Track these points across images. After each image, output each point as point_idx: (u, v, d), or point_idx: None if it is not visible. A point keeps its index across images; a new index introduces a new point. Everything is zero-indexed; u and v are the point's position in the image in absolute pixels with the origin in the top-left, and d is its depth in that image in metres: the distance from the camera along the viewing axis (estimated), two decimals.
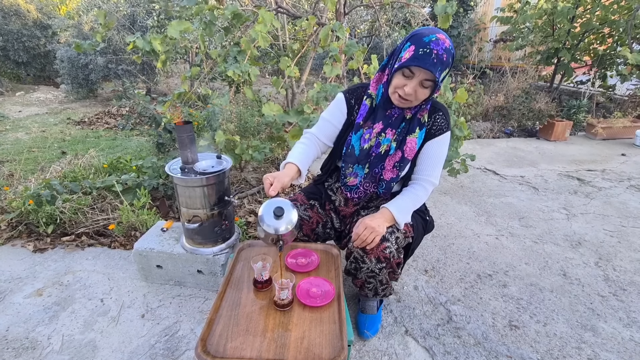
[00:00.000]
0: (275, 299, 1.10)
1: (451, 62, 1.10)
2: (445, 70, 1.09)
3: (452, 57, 1.09)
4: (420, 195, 1.26)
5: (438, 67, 1.05)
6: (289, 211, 1.06)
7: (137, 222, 1.97)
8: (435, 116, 1.24)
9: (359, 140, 1.28)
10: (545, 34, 4.81)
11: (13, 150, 3.71)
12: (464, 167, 2.46)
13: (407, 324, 1.49)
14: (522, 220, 2.35)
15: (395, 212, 1.20)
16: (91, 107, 6.31)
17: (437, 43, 1.05)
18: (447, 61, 1.07)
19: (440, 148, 1.26)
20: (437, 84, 1.09)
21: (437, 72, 1.05)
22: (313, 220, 1.40)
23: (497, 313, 1.55)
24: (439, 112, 1.25)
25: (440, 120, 1.24)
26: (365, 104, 1.28)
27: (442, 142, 1.26)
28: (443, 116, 1.24)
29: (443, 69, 1.07)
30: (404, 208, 1.22)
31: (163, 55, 2.39)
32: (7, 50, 7.25)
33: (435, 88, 1.11)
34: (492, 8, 7.11)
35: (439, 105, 1.27)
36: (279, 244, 1.07)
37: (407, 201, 1.24)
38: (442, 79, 1.09)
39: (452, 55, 1.09)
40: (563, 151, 3.87)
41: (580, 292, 1.69)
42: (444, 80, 1.15)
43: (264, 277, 1.16)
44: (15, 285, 1.65)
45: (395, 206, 1.22)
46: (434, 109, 1.25)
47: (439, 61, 1.04)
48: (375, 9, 3.46)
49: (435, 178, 1.27)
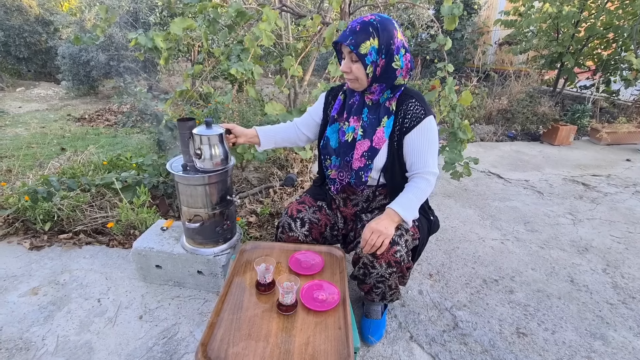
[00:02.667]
0: (279, 302, 1.06)
1: (373, 31, 1.09)
2: (369, 40, 1.09)
3: (373, 27, 1.09)
4: (422, 187, 1.21)
5: (350, 37, 1.10)
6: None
7: (136, 220, 1.93)
8: (408, 103, 1.21)
9: (337, 133, 1.33)
10: (549, 38, 4.79)
11: (12, 146, 3.67)
12: (467, 170, 2.42)
13: (412, 329, 1.45)
14: (528, 225, 2.32)
15: (399, 210, 1.15)
16: (92, 104, 6.28)
17: (355, 19, 1.13)
18: (363, 30, 1.09)
19: (424, 136, 1.20)
20: (366, 56, 1.10)
21: (348, 40, 1.10)
22: (322, 224, 1.38)
23: (504, 320, 1.52)
24: (411, 100, 1.21)
25: (413, 108, 1.20)
26: (340, 98, 1.34)
27: (423, 129, 1.20)
28: (416, 102, 1.20)
29: (358, 38, 1.09)
30: (408, 204, 1.18)
31: (165, 52, 2.36)
32: (9, 45, 7.22)
33: (367, 61, 1.10)
34: (495, 12, 7.09)
35: (411, 92, 1.23)
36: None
37: (410, 196, 1.19)
38: (370, 51, 1.10)
39: (372, 24, 1.09)
40: (567, 156, 3.84)
41: (588, 299, 1.66)
42: (390, 56, 1.13)
43: (266, 279, 1.12)
44: (10, 284, 1.61)
45: (399, 204, 1.18)
46: (406, 96, 1.22)
47: (350, 32, 1.11)
48: (380, 9, 3.43)
49: (432, 167, 1.21)
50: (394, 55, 1.12)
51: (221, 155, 1.37)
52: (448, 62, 2.38)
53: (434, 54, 6.63)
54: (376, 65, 1.13)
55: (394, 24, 1.13)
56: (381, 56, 1.12)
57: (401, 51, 1.14)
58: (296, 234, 1.35)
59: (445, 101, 2.40)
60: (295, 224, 1.35)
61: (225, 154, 1.39)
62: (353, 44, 1.09)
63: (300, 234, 1.35)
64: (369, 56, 1.10)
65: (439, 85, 2.50)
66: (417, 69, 6.49)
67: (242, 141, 1.40)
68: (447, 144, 2.40)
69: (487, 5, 7.39)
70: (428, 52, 6.68)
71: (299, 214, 1.37)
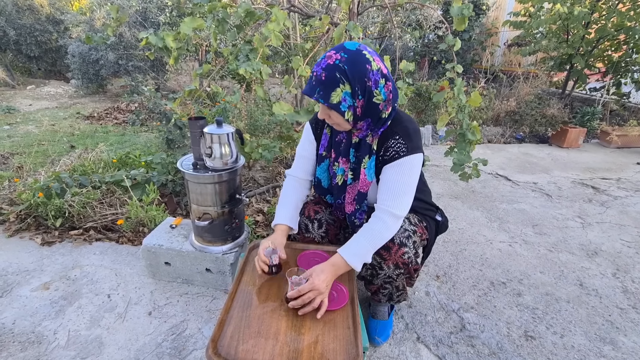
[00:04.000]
0: (287, 296, 1.07)
1: (341, 76, 0.97)
2: (339, 87, 0.97)
3: (340, 70, 0.96)
4: (377, 230, 1.08)
5: (317, 89, 0.99)
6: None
7: (145, 217, 1.95)
8: (390, 141, 1.09)
9: (327, 172, 1.27)
10: (558, 39, 4.74)
11: (23, 143, 3.73)
12: (476, 171, 2.41)
13: (418, 330, 1.45)
14: (536, 228, 2.30)
15: (347, 258, 1.06)
16: (100, 102, 6.35)
17: (319, 63, 1.00)
18: (330, 78, 0.97)
19: (399, 174, 1.08)
20: (340, 104, 0.99)
21: (317, 94, 0.99)
22: (337, 225, 1.38)
23: (512, 322, 1.51)
24: (394, 137, 1.08)
25: (395, 145, 1.08)
26: (325, 132, 1.25)
27: (399, 165, 1.08)
28: (400, 140, 1.08)
29: (326, 89, 0.98)
30: (358, 251, 1.08)
31: (175, 52, 2.38)
32: (20, 44, 7.33)
33: (342, 108, 1.00)
34: (504, 12, 7.04)
35: (398, 127, 1.10)
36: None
37: (363, 241, 1.08)
38: (344, 97, 0.99)
39: (339, 69, 0.96)
40: (576, 158, 3.80)
41: (597, 303, 1.64)
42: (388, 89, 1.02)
43: (273, 261, 1.14)
44: (23, 278, 1.64)
45: (348, 251, 1.08)
46: (390, 132, 1.10)
47: (317, 82, 0.99)
48: (388, 10, 3.43)
49: (396, 209, 1.08)
50: (374, 91, 1.00)
51: (231, 154, 1.39)
52: (457, 62, 2.38)
53: (441, 54, 6.60)
54: (355, 107, 1.02)
55: (365, 56, 0.98)
56: (357, 98, 1.00)
57: (380, 83, 1.00)
58: (313, 234, 1.34)
59: (454, 102, 2.39)
60: (313, 225, 1.34)
61: (234, 153, 1.40)
62: (322, 96, 0.99)
63: (317, 235, 1.34)
64: (344, 102, 1.00)
65: (447, 86, 2.49)
66: (424, 70, 6.47)
67: (284, 243, 1.22)
68: (455, 145, 2.40)
69: (495, 6, 7.34)
70: (435, 53, 6.65)
71: (317, 215, 1.34)
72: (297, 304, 1.02)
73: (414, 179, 1.11)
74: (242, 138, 1.43)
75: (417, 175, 1.11)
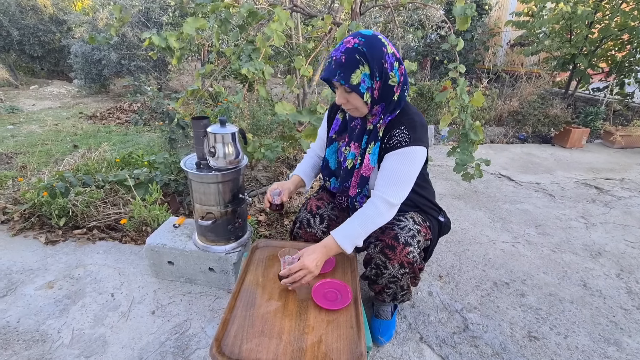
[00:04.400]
0: (280, 275, 1.10)
1: (361, 58, 1.02)
2: (359, 68, 1.02)
3: (359, 53, 1.01)
4: (369, 215, 1.10)
5: (337, 71, 1.03)
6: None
7: (148, 217, 1.96)
8: (395, 130, 1.11)
9: (335, 154, 1.32)
10: (561, 39, 4.73)
11: (26, 142, 3.75)
12: (478, 172, 2.40)
13: (421, 330, 1.45)
14: (539, 228, 2.29)
15: (339, 240, 1.09)
16: (103, 102, 6.37)
17: (337, 48, 1.05)
18: (350, 60, 1.02)
19: (399, 162, 1.10)
20: (359, 85, 1.04)
21: (337, 76, 1.03)
22: (339, 220, 1.38)
23: (515, 323, 1.50)
24: (400, 127, 1.11)
25: (399, 134, 1.10)
26: (338, 117, 1.31)
27: (401, 155, 1.09)
28: (405, 130, 1.10)
29: (346, 70, 1.02)
30: (351, 233, 1.10)
31: (178, 52, 2.39)
32: (23, 44, 7.36)
33: (362, 89, 1.04)
34: (506, 12, 7.03)
35: (405, 118, 1.12)
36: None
37: (355, 225, 1.10)
38: (363, 79, 1.03)
39: (358, 51, 1.01)
40: (579, 159, 3.78)
41: (601, 304, 1.63)
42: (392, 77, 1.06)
43: (275, 200, 1.24)
44: (27, 277, 1.64)
45: (341, 232, 1.11)
46: (397, 122, 1.13)
47: (337, 65, 1.03)
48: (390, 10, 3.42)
49: (390, 196, 1.09)
50: (389, 73, 1.05)
51: (234, 153, 1.39)
52: (459, 62, 2.37)
53: (443, 54, 6.59)
54: (373, 89, 1.07)
55: (381, 40, 1.05)
56: (375, 79, 1.05)
57: (395, 66, 1.06)
58: (314, 229, 1.36)
59: (456, 102, 2.38)
60: (315, 220, 1.36)
61: (238, 153, 1.40)
62: (343, 78, 1.03)
63: (319, 230, 1.36)
64: (363, 84, 1.04)
65: (450, 85, 2.48)
66: (427, 70, 6.46)
67: (292, 188, 1.35)
68: (458, 145, 2.39)
69: (498, 6, 7.33)
70: (437, 52, 6.64)
71: (319, 210, 1.37)
72: (287, 281, 1.07)
73: (413, 170, 1.11)
74: (245, 138, 1.43)
75: (417, 168, 1.12)
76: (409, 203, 1.25)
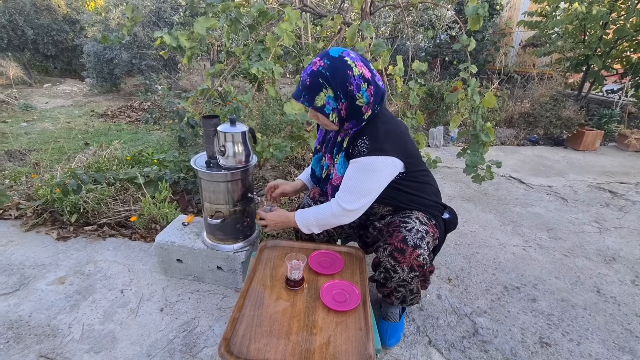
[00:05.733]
0: (287, 278, 1.14)
1: (324, 82, 1.06)
2: (323, 91, 1.07)
3: (322, 76, 1.06)
4: (324, 213, 1.19)
5: (303, 92, 1.09)
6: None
7: (158, 215, 1.97)
8: (358, 141, 1.12)
9: (318, 164, 1.39)
10: (575, 40, 4.64)
11: (39, 140, 3.82)
12: (489, 174, 2.37)
13: (430, 334, 1.43)
14: (551, 232, 2.25)
15: (297, 218, 1.25)
16: (114, 100, 6.46)
17: (305, 69, 1.10)
18: (314, 84, 1.07)
19: (355, 171, 1.12)
20: (324, 107, 1.09)
21: (303, 98, 1.09)
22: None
23: (526, 328, 1.47)
24: (362, 136, 1.12)
25: (360, 145, 1.11)
26: (321, 129, 1.37)
27: (358, 165, 1.11)
28: (366, 140, 1.11)
29: (310, 93, 1.08)
30: (305, 218, 1.23)
31: (189, 51, 2.41)
32: (37, 43, 7.51)
33: (327, 110, 1.09)
34: (518, 12, 6.92)
35: (370, 128, 1.13)
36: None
37: (311, 214, 1.23)
38: (327, 101, 1.08)
39: (321, 74, 1.06)
40: (593, 162, 3.71)
41: (616, 311, 1.59)
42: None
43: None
44: (39, 272, 1.67)
45: (300, 213, 1.25)
46: (362, 132, 1.14)
47: (303, 87, 1.09)
48: (401, 9, 3.40)
49: (345, 202, 1.13)
50: (356, 94, 1.06)
51: (244, 152, 1.39)
52: (471, 62, 2.34)
53: (453, 55, 6.52)
54: (339, 110, 1.10)
55: (347, 62, 1.05)
56: (340, 101, 1.08)
57: (362, 87, 1.06)
58: None
59: (467, 103, 2.35)
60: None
61: (247, 152, 1.40)
62: (307, 100, 1.09)
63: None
64: (328, 105, 1.09)
65: (461, 86, 2.45)
66: (436, 71, 6.40)
67: (289, 189, 1.47)
68: (468, 146, 2.36)
69: (509, 6, 7.22)
70: (447, 53, 6.57)
71: (320, 198, 1.42)
72: (260, 223, 1.34)
73: (371, 180, 1.11)
74: (255, 137, 1.43)
75: (377, 177, 1.12)
76: (409, 203, 1.25)
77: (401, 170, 1.17)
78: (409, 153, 1.16)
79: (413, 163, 1.19)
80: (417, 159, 1.23)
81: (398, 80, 2.68)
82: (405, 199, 1.24)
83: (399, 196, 1.23)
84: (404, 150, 1.14)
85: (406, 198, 1.24)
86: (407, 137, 1.18)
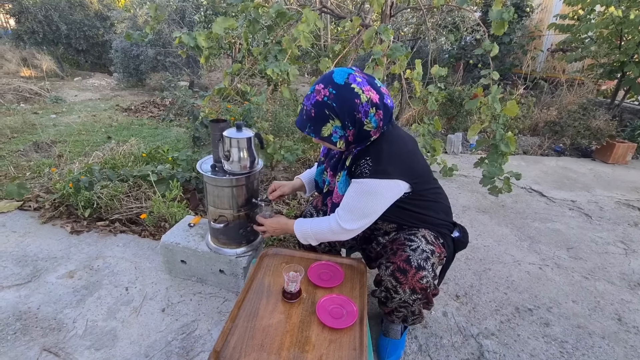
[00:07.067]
0: (284, 290, 1.12)
1: (330, 113, 1.03)
2: (330, 122, 1.03)
3: (328, 107, 1.02)
4: (322, 227, 1.17)
5: (307, 124, 1.07)
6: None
7: (167, 213, 2.00)
8: (361, 160, 1.09)
9: (321, 176, 1.37)
10: (610, 45, 4.38)
11: (65, 132, 3.97)
12: (507, 186, 2.27)
13: (432, 354, 1.37)
14: (571, 251, 2.13)
15: (296, 227, 1.24)
16: (138, 95, 6.64)
17: (308, 97, 1.06)
18: (320, 115, 1.03)
19: (355, 192, 1.09)
20: (331, 136, 1.06)
21: (308, 129, 1.07)
22: None
23: (536, 355, 1.39)
24: (366, 157, 1.08)
25: (362, 166, 1.08)
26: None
27: (359, 186, 1.08)
28: (369, 161, 1.07)
29: (316, 124, 1.05)
30: (304, 229, 1.22)
31: (206, 51, 2.43)
32: (70, 38, 7.82)
33: (334, 139, 1.07)
34: (549, 15, 6.62)
35: (374, 147, 1.09)
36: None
37: (308, 226, 1.21)
38: (335, 130, 1.05)
39: (327, 106, 1.02)
40: (623, 176, 3.49)
41: (638, 343, 1.48)
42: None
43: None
44: (51, 265, 1.73)
45: (300, 223, 1.24)
46: (365, 152, 1.10)
47: (307, 118, 1.06)
48: (423, 12, 3.31)
49: (344, 221, 1.11)
50: (364, 120, 1.03)
51: (249, 158, 1.38)
52: (493, 68, 2.24)
53: (478, 58, 6.31)
54: (346, 136, 1.07)
55: (354, 90, 1.00)
56: (348, 129, 1.05)
57: (370, 112, 1.02)
58: None
59: (487, 110, 2.26)
60: (318, 216, 1.36)
61: (252, 158, 1.39)
62: (313, 131, 1.07)
63: None
64: (335, 134, 1.06)
65: (482, 93, 2.36)
66: (459, 74, 6.22)
67: (287, 190, 1.47)
68: (487, 156, 2.26)
69: (540, 8, 6.91)
70: (472, 56, 6.37)
71: (323, 207, 1.38)
72: (259, 229, 1.36)
73: (371, 203, 1.08)
74: (262, 142, 1.41)
75: (377, 200, 1.08)
76: (415, 222, 1.20)
77: (407, 190, 1.12)
78: (416, 173, 1.11)
79: (421, 182, 1.14)
80: (425, 177, 1.17)
81: (417, 84, 2.60)
82: (411, 218, 1.20)
83: (404, 215, 1.18)
84: (410, 171, 1.09)
85: (412, 217, 1.19)
86: (414, 156, 1.13)
